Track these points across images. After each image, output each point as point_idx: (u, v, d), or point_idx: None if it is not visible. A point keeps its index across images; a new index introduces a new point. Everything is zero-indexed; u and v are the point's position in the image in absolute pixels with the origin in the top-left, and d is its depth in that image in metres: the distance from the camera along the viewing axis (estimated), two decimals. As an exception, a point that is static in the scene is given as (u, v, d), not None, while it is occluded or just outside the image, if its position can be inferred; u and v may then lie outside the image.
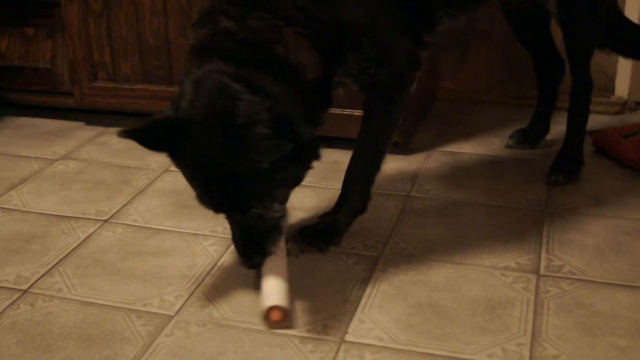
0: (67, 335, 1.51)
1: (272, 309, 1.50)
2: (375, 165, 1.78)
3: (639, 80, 2.63)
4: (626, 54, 2.31)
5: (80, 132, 2.53)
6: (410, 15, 1.70)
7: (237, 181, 1.44)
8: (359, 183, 1.79)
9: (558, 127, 2.29)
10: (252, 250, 1.55)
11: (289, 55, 1.49)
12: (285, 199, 1.56)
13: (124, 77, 2.47)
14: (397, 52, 1.70)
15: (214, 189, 1.48)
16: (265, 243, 1.55)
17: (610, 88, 2.64)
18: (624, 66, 2.60)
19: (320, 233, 1.79)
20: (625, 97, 2.64)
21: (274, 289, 1.53)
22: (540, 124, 2.33)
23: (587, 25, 2.02)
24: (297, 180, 1.56)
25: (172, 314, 1.57)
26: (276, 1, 1.52)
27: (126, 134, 1.42)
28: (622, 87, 2.63)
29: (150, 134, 1.45)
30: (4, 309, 1.59)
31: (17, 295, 1.64)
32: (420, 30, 1.74)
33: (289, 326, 1.51)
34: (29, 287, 1.67)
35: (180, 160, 1.49)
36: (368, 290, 1.64)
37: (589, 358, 1.42)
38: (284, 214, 1.57)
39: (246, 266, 1.58)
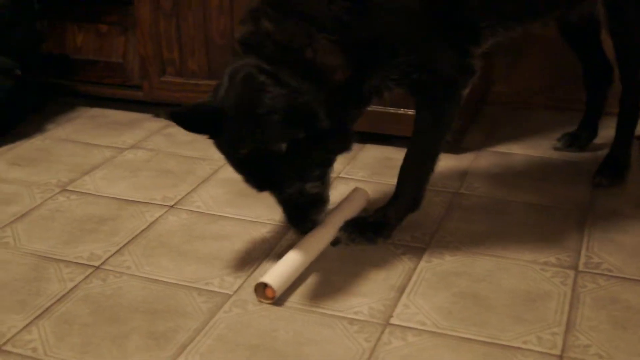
0: (134, 308, 1.65)
1: (264, 285, 1.65)
2: (428, 165, 1.87)
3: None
4: None
5: (148, 124, 2.68)
6: (452, 27, 1.75)
7: (264, 163, 1.65)
8: (412, 182, 1.89)
9: (607, 132, 2.35)
10: (297, 219, 1.80)
11: (316, 58, 1.64)
12: (320, 176, 1.75)
13: (190, 73, 2.61)
14: (441, 59, 1.76)
15: (247, 170, 1.70)
16: (308, 213, 1.79)
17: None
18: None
19: (372, 225, 1.89)
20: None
21: (279, 269, 1.69)
22: (588, 129, 2.40)
23: (637, 35, 2.08)
24: (325, 162, 1.76)
25: (231, 293, 1.70)
26: (313, 10, 1.65)
27: (169, 116, 1.61)
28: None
29: (189, 118, 1.65)
30: (79, 283, 1.74)
31: (90, 270, 1.79)
32: (464, 41, 1.79)
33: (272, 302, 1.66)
34: (101, 264, 1.82)
35: (219, 144, 1.70)
36: (414, 278, 1.75)
37: (618, 349, 1.51)
38: (323, 189, 1.78)
39: (296, 230, 1.84)
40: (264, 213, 2.02)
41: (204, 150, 2.42)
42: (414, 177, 1.89)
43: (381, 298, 1.67)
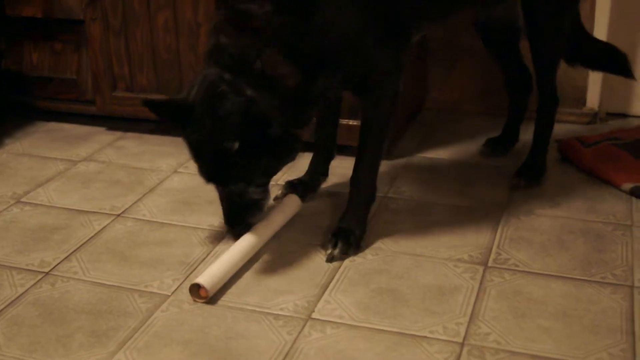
0: (80, 309, 1.80)
1: (198, 286, 1.81)
2: (378, 157, 2.06)
3: (609, 92, 2.87)
4: (592, 67, 2.54)
5: (101, 137, 2.83)
6: (388, 31, 1.94)
7: (217, 158, 1.86)
8: (368, 176, 2.06)
9: (528, 136, 2.52)
10: (233, 220, 1.98)
11: (265, 69, 1.82)
12: (263, 183, 1.96)
13: (140, 88, 2.76)
14: (380, 59, 1.95)
15: (203, 162, 1.92)
16: (244, 215, 1.97)
17: (582, 100, 2.88)
18: (594, 80, 2.83)
19: (350, 231, 2.04)
20: (596, 108, 2.87)
21: (212, 270, 1.85)
22: (511, 133, 2.58)
23: (551, 40, 2.25)
24: (271, 169, 1.95)
25: (169, 294, 1.86)
26: (261, 26, 1.81)
27: (146, 104, 1.87)
28: (593, 99, 2.87)
29: (162, 107, 1.93)
30: (29, 288, 1.89)
31: (40, 276, 1.94)
32: (398, 41, 1.98)
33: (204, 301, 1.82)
34: (50, 270, 1.97)
35: (184, 134, 1.91)
36: (337, 276, 1.91)
37: (516, 336, 1.68)
38: (263, 196, 1.98)
39: (229, 231, 2.04)
40: (205, 220, 2.18)
41: (152, 162, 2.57)
42: (369, 171, 2.06)
43: (306, 295, 1.84)
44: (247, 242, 1.96)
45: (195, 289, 1.82)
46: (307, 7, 1.83)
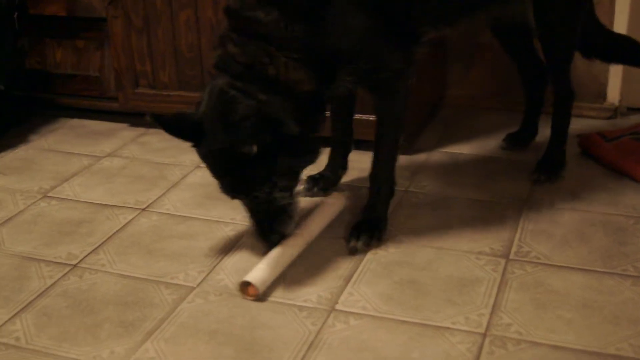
0: (107, 300, 1.84)
1: (247, 283, 1.81)
2: (394, 151, 2.08)
3: (630, 87, 2.87)
4: (609, 59, 2.54)
5: (124, 133, 2.87)
6: (396, 33, 1.96)
7: (236, 167, 1.83)
8: (386, 170, 2.08)
9: (548, 131, 2.53)
10: (265, 230, 1.93)
11: (279, 75, 1.82)
12: (287, 187, 1.91)
13: (162, 85, 2.80)
14: (391, 59, 1.97)
15: (223, 175, 1.88)
16: (274, 224, 1.92)
17: (603, 95, 2.88)
18: (615, 74, 2.84)
19: (372, 224, 2.07)
20: (617, 103, 2.87)
21: (260, 268, 1.85)
22: (529, 128, 2.59)
23: (563, 40, 2.26)
24: (292, 171, 1.91)
25: (194, 286, 1.89)
26: (271, 32, 1.82)
27: (154, 118, 1.83)
28: (613, 94, 2.87)
29: (171, 124, 1.87)
30: (57, 280, 1.93)
31: (67, 269, 1.98)
32: (408, 42, 2.01)
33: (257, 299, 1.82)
34: (77, 263, 2.00)
35: (199, 151, 1.89)
36: (360, 268, 1.94)
37: (536, 327, 1.70)
38: (290, 201, 1.94)
39: (263, 243, 1.94)
40: (228, 213, 2.21)
41: (175, 157, 2.61)
42: (387, 166, 2.09)
43: (329, 287, 1.86)
44: (295, 240, 1.97)
45: (245, 286, 1.83)
46: (317, 11, 1.84)
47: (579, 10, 2.28)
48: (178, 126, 1.87)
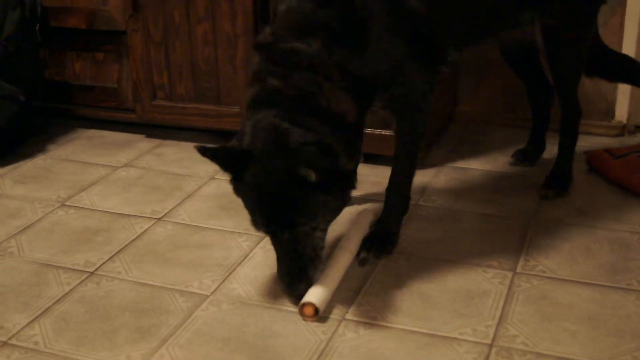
0: (124, 307, 1.89)
1: (307, 304, 1.81)
2: (412, 169, 2.12)
3: (638, 105, 2.92)
4: (610, 78, 2.59)
5: (141, 144, 2.93)
6: (428, 55, 2.02)
7: (288, 198, 1.75)
8: (402, 187, 2.13)
9: (556, 148, 2.58)
10: (295, 277, 1.81)
11: (331, 105, 1.78)
12: (325, 228, 1.85)
13: (179, 97, 2.85)
14: (417, 85, 2.02)
15: (268, 206, 1.78)
16: (306, 268, 1.82)
17: (611, 113, 2.93)
18: (623, 93, 2.88)
19: (384, 238, 2.11)
20: (625, 121, 2.92)
21: (318, 288, 1.83)
22: (536, 144, 2.64)
23: (570, 62, 2.31)
24: (336, 210, 1.84)
25: (208, 294, 1.94)
26: (316, 61, 1.79)
27: (200, 151, 1.74)
28: (621, 112, 2.92)
29: (218, 155, 1.78)
30: (75, 286, 1.98)
31: (85, 276, 2.03)
32: (435, 64, 2.07)
33: (316, 320, 1.81)
34: (95, 270, 2.06)
35: (240, 184, 1.81)
36: (370, 280, 1.98)
37: (542, 338, 1.74)
38: (323, 245, 1.86)
39: (290, 297, 1.85)
40: (241, 224, 2.26)
41: (190, 168, 2.66)
42: (404, 183, 2.13)
43: (339, 297, 1.91)
44: (344, 254, 1.98)
45: (304, 307, 1.82)
46: (356, 38, 1.85)
47: (586, 33, 2.33)
48: (224, 156, 1.78)
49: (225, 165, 1.79)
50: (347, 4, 1.86)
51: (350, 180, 1.86)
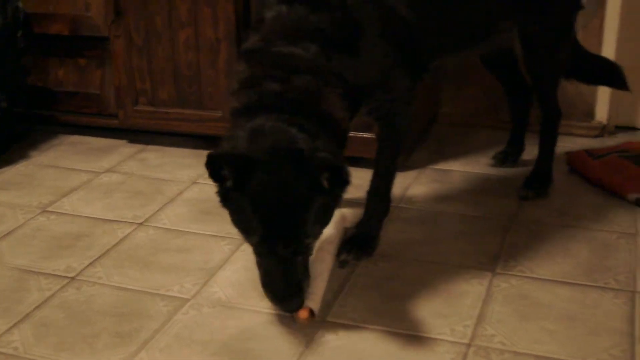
0: (104, 312, 1.89)
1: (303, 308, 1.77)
2: (393, 174, 2.13)
3: (618, 106, 2.94)
4: (587, 81, 2.62)
5: (123, 149, 2.93)
6: (413, 63, 2.04)
7: (301, 208, 1.66)
8: (383, 190, 2.13)
9: (536, 149, 2.59)
10: (291, 292, 1.72)
11: (331, 111, 1.76)
12: (316, 240, 1.79)
13: (161, 102, 2.86)
14: (401, 92, 2.03)
15: (276, 218, 1.67)
16: (302, 282, 1.74)
17: (591, 114, 2.95)
18: (603, 94, 2.91)
19: (365, 240, 2.12)
20: (605, 121, 2.94)
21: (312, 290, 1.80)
22: (516, 145, 2.66)
23: (549, 67, 2.34)
24: (329, 218, 1.77)
25: (189, 298, 1.94)
26: (315, 66, 1.77)
27: (215, 158, 1.64)
28: (602, 113, 2.94)
29: (232, 163, 1.65)
30: (56, 292, 1.98)
31: (66, 281, 2.03)
32: (417, 74, 2.09)
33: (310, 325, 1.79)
34: (76, 275, 2.06)
35: (239, 194, 1.67)
36: (350, 282, 1.99)
37: (520, 337, 1.75)
38: (312, 254, 1.81)
39: (285, 310, 1.77)
40: (223, 228, 2.26)
41: (172, 173, 2.67)
42: (384, 185, 2.14)
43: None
44: (324, 256, 1.97)
45: (301, 311, 1.78)
46: (353, 47, 1.85)
47: (564, 39, 2.35)
48: (236, 163, 1.65)
49: (236, 174, 1.66)
50: (341, 10, 1.85)
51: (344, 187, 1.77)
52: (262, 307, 1.89)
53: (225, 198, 1.73)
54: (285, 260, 1.71)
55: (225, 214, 2.02)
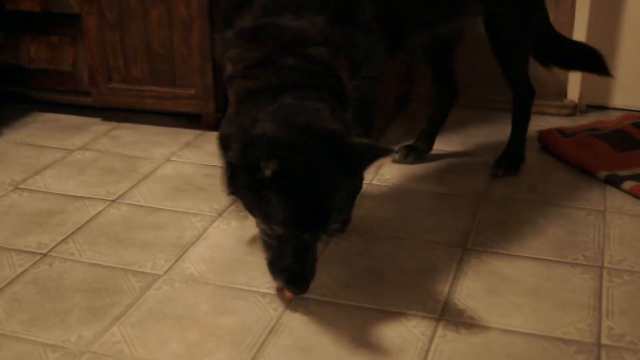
0: (76, 288, 1.89)
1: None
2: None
3: (589, 85, 2.97)
4: (568, 67, 2.64)
5: (97, 127, 2.92)
6: (392, 42, 2.04)
7: (338, 192, 1.63)
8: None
9: (507, 127, 2.61)
10: (307, 276, 1.71)
11: (346, 85, 1.73)
12: None
13: (134, 80, 2.85)
14: (381, 69, 2.01)
15: (308, 207, 1.61)
16: (312, 266, 1.73)
17: (563, 93, 2.98)
18: (575, 73, 2.93)
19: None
20: (576, 100, 2.97)
21: None
22: (427, 141, 2.60)
23: (516, 47, 2.36)
24: (355, 199, 1.81)
25: (161, 274, 1.95)
26: (325, 38, 1.72)
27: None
28: (573, 92, 2.97)
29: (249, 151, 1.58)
30: (28, 268, 1.98)
31: (38, 257, 2.03)
32: (396, 50, 2.10)
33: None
34: (48, 252, 2.06)
35: (267, 181, 1.57)
36: (321, 257, 2.00)
37: (489, 312, 1.78)
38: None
39: (298, 293, 1.74)
40: (196, 205, 2.27)
41: (146, 150, 2.67)
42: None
43: (291, 275, 1.93)
44: None
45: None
46: (352, 20, 1.83)
47: (530, 19, 2.36)
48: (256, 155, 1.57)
49: (277, 164, 1.56)
50: None
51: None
52: (233, 283, 1.90)
53: (258, 189, 1.60)
54: (307, 245, 1.68)
55: (198, 191, 2.03)
